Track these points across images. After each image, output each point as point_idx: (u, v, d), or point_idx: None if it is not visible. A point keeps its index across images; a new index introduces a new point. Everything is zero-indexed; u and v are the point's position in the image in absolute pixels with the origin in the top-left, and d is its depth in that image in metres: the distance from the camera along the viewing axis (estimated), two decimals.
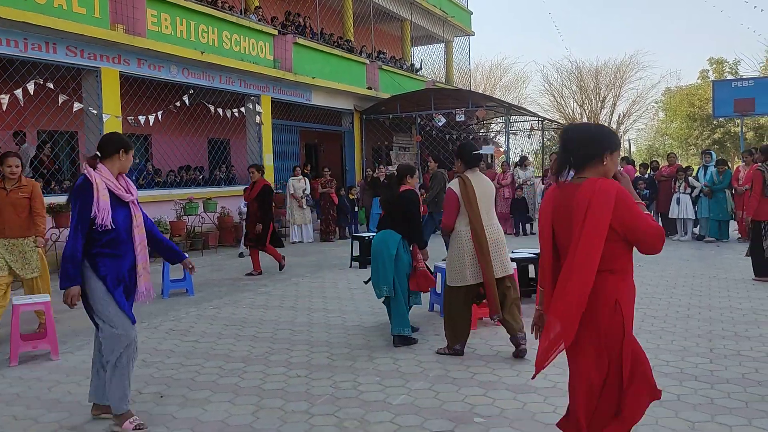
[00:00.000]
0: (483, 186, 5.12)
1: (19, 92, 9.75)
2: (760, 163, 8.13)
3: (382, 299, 5.63)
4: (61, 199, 9.86)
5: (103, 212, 3.64)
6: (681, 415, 3.77)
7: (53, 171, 11.24)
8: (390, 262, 5.42)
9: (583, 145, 2.72)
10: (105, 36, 10.59)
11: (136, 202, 3.87)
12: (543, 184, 14.35)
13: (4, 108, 9.75)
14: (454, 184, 5.13)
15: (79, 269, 3.66)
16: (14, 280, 6.11)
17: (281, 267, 9.61)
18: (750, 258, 8.21)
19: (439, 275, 6.57)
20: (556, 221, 2.76)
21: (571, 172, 2.76)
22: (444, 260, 7.89)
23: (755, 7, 50.92)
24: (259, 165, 9.78)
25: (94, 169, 3.73)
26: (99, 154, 3.78)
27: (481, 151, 5.31)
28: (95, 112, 10.92)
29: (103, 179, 3.70)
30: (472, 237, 5.00)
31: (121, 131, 11.30)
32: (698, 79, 38.49)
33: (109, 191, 3.71)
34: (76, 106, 10.74)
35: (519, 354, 4.99)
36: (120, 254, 3.75)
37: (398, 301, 5.45)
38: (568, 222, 2.67)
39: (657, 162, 14.28)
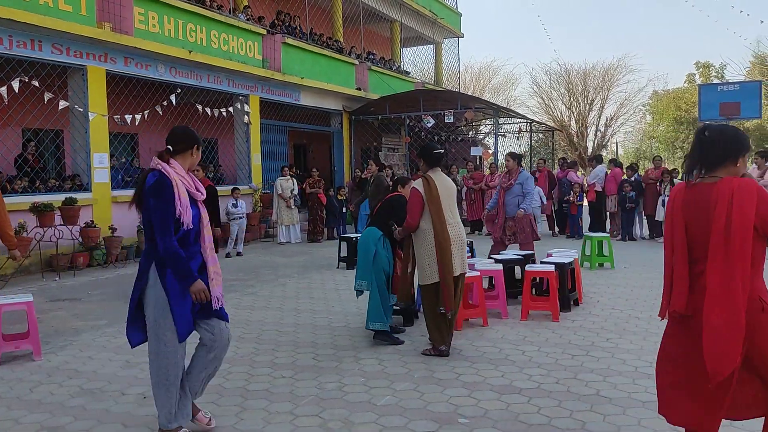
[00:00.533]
0: (445, 185, 5.20)
1: (3, 90, 9.65)
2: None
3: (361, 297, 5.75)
4: (47, 197, 9.79)
5: (186, 211, 3.39)
6: None
7: (38, 169, 11.13)
8: (368, 257, 5.58)
9: (723, 146, 2.75)
10: (91, 34, 10.51)
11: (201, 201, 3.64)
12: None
13: None
14: (418, 184, 5.19)
15: (188, 264, 3.37)
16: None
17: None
18: None
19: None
20: (690, 220, 2.76)
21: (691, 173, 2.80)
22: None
23: (741, 11, 51.46)
24: (205, 164, 9.19)
25: (167, 165, 3.43)
26: (171, 149, 3.50)
27: (441, 151, 5.38)
28: (81, 110, 10.83)
29: (178, 176, 3.44)
30: (433, 234, 5.06)
31: (106, 130, 11.23)
32: (685, 82, 38.85)
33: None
34: (62, 104, 10.65)
35: (429, 352, 5.14)
36: (190, 257, 3.45)
37: (373, 296, 5.57)
38: (704, 220, 2.68)
39: (636, 164, 14.33)
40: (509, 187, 8.46)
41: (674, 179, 12.65)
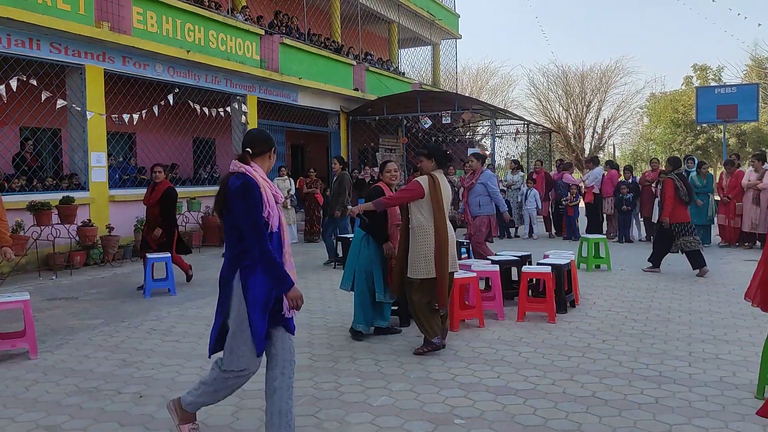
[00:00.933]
0: (446, 186, 5.33)
1: (1, 88, 9.63)
2: (669, 172, 9.13)
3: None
4: (44, 196, 9.77)
5: (274, 213, 3.28)
6: (659, 417, 3.81)
7: (35, 168, 11.12)
8: (352, 259, 5.75)
9: None
10: (90, 33, 10.49)
11: None
12: (527, 186, 14.39)
13: None
14: (423, 180, 5.25)
15: (284, 269, 3.25)
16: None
17: (188, 278, 8.71)
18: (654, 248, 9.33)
19: None
20: None
21: None
22: None
23: (738, 14, 51.58)
24: (165, 164, 8.93)
25: (250, 167, 3.32)
26: (251, 152, 3.38)
27: (449, 154, 5.53)
28: (79, 109, 10.82)
29: (261, 178, 3.32)
30: (434, 233, 5.15)
31: (104, 129, 11.21)
32: (682, 85, 38.85)
33: None
34: (60, 103, 10.63)
35: (423, 350, 5.18)
36: None
37: (354, 297, 5.74)
38: None
39: (631, 166, 14.35)
40: (471, 186, 8.54)
41: None
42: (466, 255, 8.79)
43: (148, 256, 8.02)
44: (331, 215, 10.46)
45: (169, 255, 8.11)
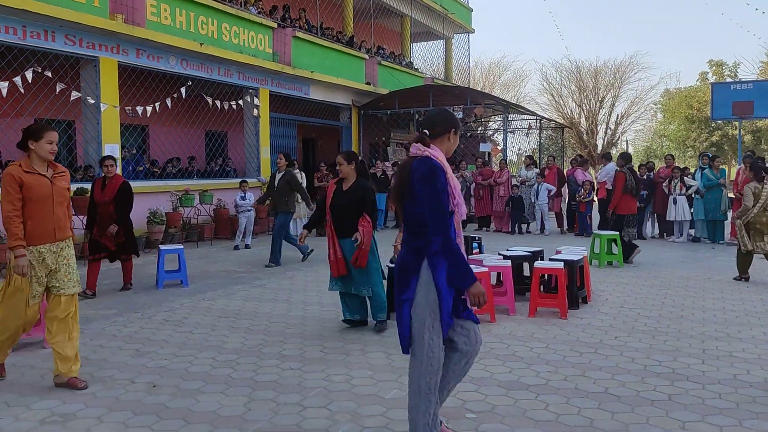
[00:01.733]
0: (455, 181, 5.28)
1: (17, 80, 9.72)
2: (621, 167, 9.78)
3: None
4: None
5: (460, 200, 3.13)
6: (672, 414, 3.79)
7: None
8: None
9: None
10: (104, 25, 10.55)
11: None
12: (538, 181, 14.32)
13: (4, 95, 9.71)
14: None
15: (467, 262, 3.11)
16: None
17: (126, 286, 7.72)
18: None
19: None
20: None
21: None
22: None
23: (756, 9, 50.98)
24: (114, 157, 7.78)
25: (433, 150, 3.14)
26: (427, 133, 3.19)
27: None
28: (93, 101, 10.88)
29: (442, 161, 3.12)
30: None
31: (118, 121, 11.28)
32: (698, 81, 38.57)
33: None
34: (74, 95, 10.71)
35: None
36: None
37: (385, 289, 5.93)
38: None
39: (653, 163, 14.28)
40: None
41: (684, 177, 12.56)
42: (477, 250, 8.78)
43: (161, 247, 8.04)
44: (276, 213, 9.92)
45: (128, 257, 7.62)
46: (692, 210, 12.39)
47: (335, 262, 5.69)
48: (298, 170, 13.80)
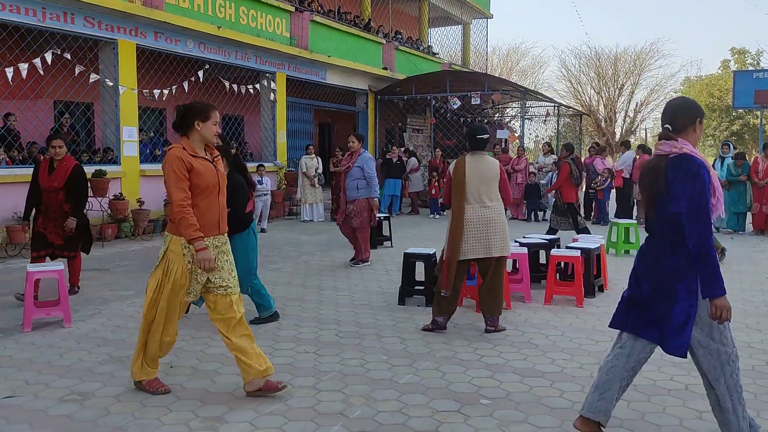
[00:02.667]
0: (479, 168, 5.22)
1: (36, 61, 9.78)
2: (566, 157, 10.01)
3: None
4: None
5: (720, 198, 2.97)
6: (689, 404, 3.77)
7: (70, 142, 11.28)
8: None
9: None
10: (123, 8, 10.57)
11: None
12: (553, 170, 14.20)
13: (24, 77, 9.79)
14: (451, 166, 5.40)
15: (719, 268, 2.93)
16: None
17: (73, 290, 6.48)
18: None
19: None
20: None
21: None
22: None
23: None
24: (63, 138, 6.46)
25: (689, 146, 2.98)
26: (669, 128, 3.04)
27: (485, 136, 5.39)
28: (111, 84, 10.93)
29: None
30: (450, 216, 5.26)
31: (136, 104, 11.32)
32: (719, 69, 37.96)
33: None
34: (93, 77, 10.76)
35: (490, 328, 5.25)
36: None
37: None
38: None
39: None
40: (348, 169, 8.16)
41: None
42: None
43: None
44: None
45: (76, 253, 6.47)
46: None
47: None
48: (314, 155, 13.82)
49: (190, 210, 3.62)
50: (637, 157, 13.65)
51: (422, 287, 6.26)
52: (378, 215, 10.31)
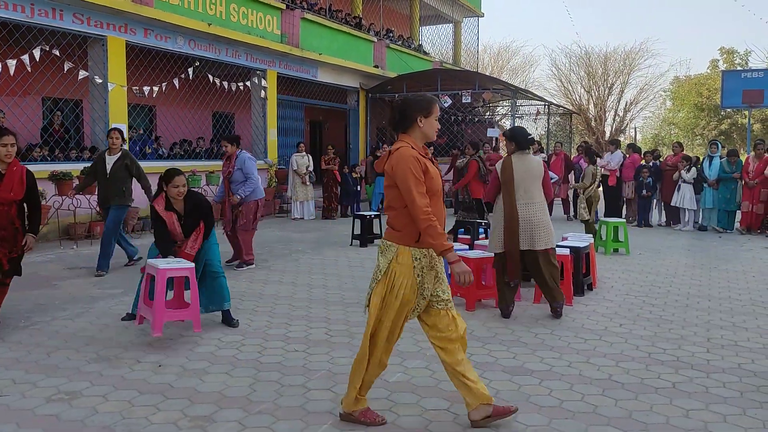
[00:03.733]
0: (525, 167, 5.62)
1: (25, 58, 9.70)
2: (473, 155, 10.50)
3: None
4: (66, 166, 9.85)
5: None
6: (675, 402, 3.79)
7: (58, 139, 11.21)
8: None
9: None
10: (112, 4, 10.50)
11: None
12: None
13: (12, 73, 9.71)
14: (498, 165, 5.77)
15: None
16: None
17: None
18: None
19: None
20: None
21: None
22: None
23: None
24: (14, 134, 5.21)
25: None
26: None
27: (530, 137, 5.90)
28: (100, 80, 10.87)
29: None
30: (503, 211, 5.62)
31: (125, 101, 11.26)
32: (708, 68, 38.16)
33: None
34: (82, 74, 10.69)
35: (555, 315, 5.68)
36: None
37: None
38: None
39: (659, 151, 14.18)
40: (229, 174, 7.80)
41: (692, 166, 12.46)
42: (484, 235, 8.77)
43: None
44: (107, 207, 7.71)
45: (9, 281, 5.27)
46: (698, 196, 12.33)
47: None
48: (305, 153, 13.79)
49: (435, 217, 3.22)
50: (627, 156, 13.72)
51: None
52: (369, 213, 10.37)
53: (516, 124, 18.08)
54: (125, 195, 7.64)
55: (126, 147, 8.43)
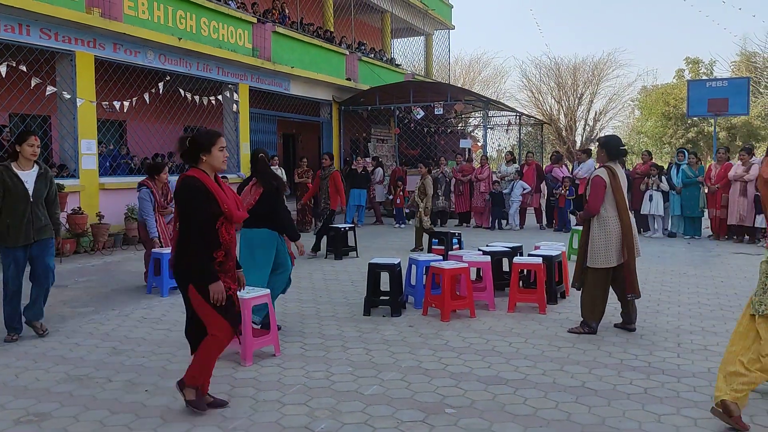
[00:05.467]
0: (623, 177, 5.54)
1: None
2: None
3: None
4: None
5: None
6: (647, 407, 3.85)
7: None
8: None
9: None
10: (80, 19, 10.39)
11: None
12: (515, 178, 14.38)
13: None
14: (602, 172, 5.46)
15: None
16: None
17: None
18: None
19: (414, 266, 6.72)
20: None
21: None
22: (413, 250, 8.40)
23: (740, 9, 51.53)
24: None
25: None
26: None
27: (625, 147, 5.71)
28: (69, 96, 10.73)
29: None
30: (619, 221, 5.38)
31: (94, 116, 11.12)
32: (674, 78, 38.95)
33: None
34: (50, 89, 10.54)
35: (577, 330, 5.53)
36: None
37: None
38: None
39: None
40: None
41: (662, 175, 12.69)
42: (458, 246, 8.82)
43: (160, 251, 7.10)
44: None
45: None
46: (666, 204, 12.55)
47: None
48: (278, 167, 13.75)
49: None
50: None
51: (387, 297, 6.26)
52: (343, 226, 10.36)
53: (487, 135, 18.25)
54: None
55: (96, 162, 8.23)
